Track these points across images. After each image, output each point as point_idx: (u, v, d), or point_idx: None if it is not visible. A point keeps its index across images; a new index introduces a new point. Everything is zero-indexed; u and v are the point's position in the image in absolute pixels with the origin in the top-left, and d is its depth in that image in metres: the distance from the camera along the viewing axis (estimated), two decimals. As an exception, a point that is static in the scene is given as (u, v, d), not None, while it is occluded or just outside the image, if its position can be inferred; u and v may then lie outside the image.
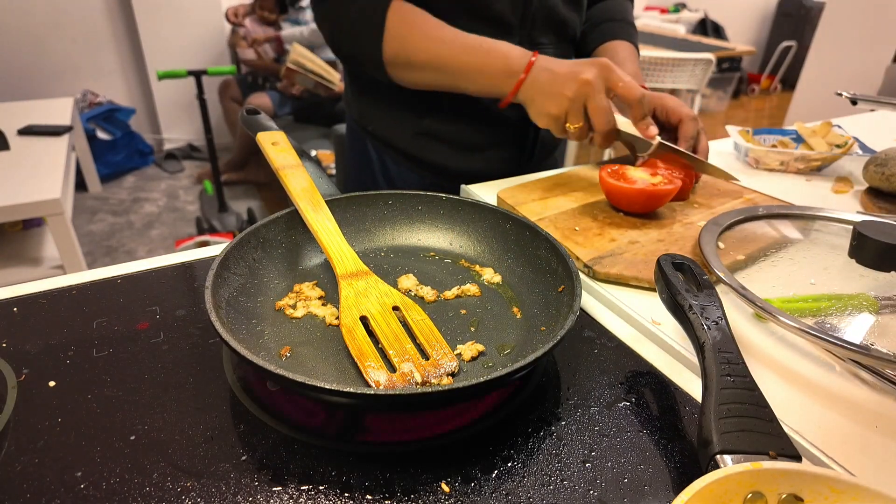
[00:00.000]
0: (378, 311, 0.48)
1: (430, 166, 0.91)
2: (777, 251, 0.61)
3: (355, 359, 0.44)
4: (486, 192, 0.79)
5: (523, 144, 0.92)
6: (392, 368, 0.43)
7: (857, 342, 0.45)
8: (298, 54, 2.80)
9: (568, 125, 0.70)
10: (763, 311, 0.47)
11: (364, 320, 0.47)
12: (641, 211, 0.68)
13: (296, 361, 0.45)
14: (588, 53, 0.92)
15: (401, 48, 0.76)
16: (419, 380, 0.42)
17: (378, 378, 0.42)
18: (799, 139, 0.94)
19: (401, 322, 0.47)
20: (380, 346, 0.45)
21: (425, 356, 0.45)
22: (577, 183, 0.77)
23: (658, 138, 0.72)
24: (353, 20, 0.76)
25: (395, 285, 0.54)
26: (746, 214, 0.66)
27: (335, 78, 2.91)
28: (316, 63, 2.86)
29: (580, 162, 1.03)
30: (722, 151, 0.98)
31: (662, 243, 0.63)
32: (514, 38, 0.81)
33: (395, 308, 0.49)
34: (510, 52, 0.73)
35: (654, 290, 0.51)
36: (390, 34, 0.75)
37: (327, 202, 0.58)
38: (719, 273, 0.53)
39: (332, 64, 2.99)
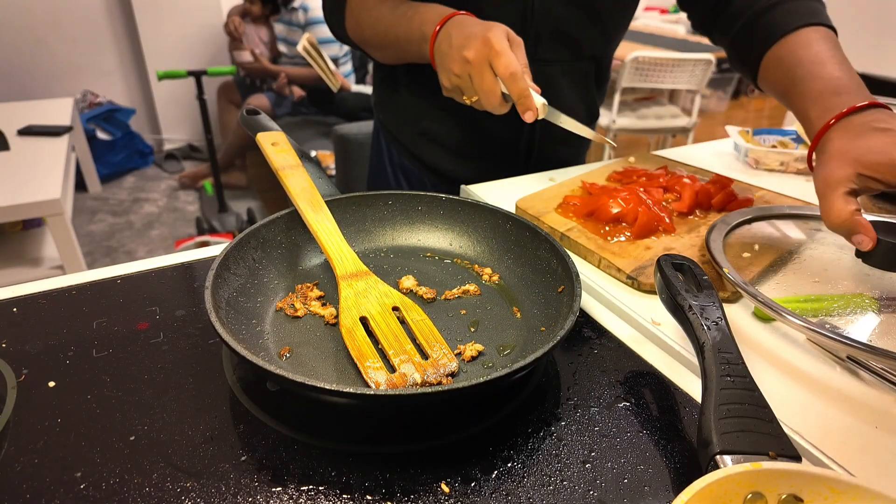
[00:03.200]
0: (378, 311, 0.48)
1: (428, 167, 0.91)
2: (784, 251, 0.61)
3: (355, 359, 0.44)
4: (486, 193, 0.79)
5: (515, 158, 0.90)
6: (392, 369, 0.43)
7: (860, 340, 0.45)
8: (308, 42, 2.83)
9: (465, 99, 0.66)
10: (769, 309, 0.48)
11: (364, 321, 0.47)
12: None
13: (296, 362, 0.45)
14: (766, 48, 0.68)
15: (356, 27, 0.78)
16: (419, 380, 0.42)
17: (378, 378, 0.42)
18: (799, 139, 0.94)
19: (400, 322, 0.47)
20: (379, 346, 0.45)
21: (425, 356, 0.45)
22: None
23: (544, 107, 0.63)
24: (330, 2, 0.81)
25: (395, 286, 0.54)
26: (755, 214, 0.66)
27: (334, 80, 2.92)
28: (320, 59, 2.87)
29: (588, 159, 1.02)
30: (722, 152, 0.98)
31: (695, 248, 0.63)
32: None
33: (395, 308, 0.49)
34: (426, 17, 0.67)
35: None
36: (349, 15, 0.78)
37: (327, 202, 0.58)
38: (726, 271, 0.53)
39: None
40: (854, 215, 0.49)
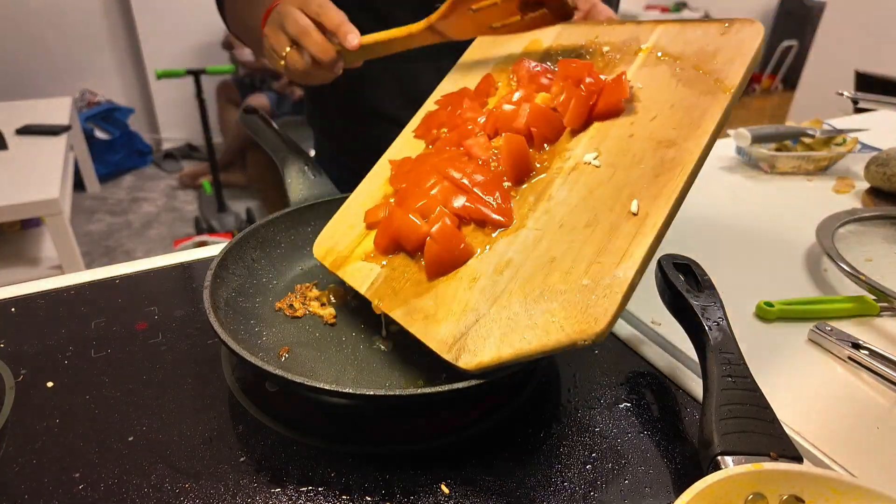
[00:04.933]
0: None
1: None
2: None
3: None
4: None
5: None
6: None
7: None
8: None
9: (280, 62, 0.56)
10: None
11: None
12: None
13: (295, 362, 0.45)
14: None
15: (232, 20, 0.74)
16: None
17: None
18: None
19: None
20: None
21: None
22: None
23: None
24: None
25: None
26: (857, 215, 0.66)
27: None
28: None
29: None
30: (723, 155, 0.97)
31: (540, 243, 0.40)
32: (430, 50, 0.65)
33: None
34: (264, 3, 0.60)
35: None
36: (228, 8, 0.74)
37: (327, 202, 0.57)
38: (843, 265, 0.54)
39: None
40: None
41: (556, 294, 0.36)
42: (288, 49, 0.54)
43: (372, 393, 0.36)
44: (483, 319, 0.38)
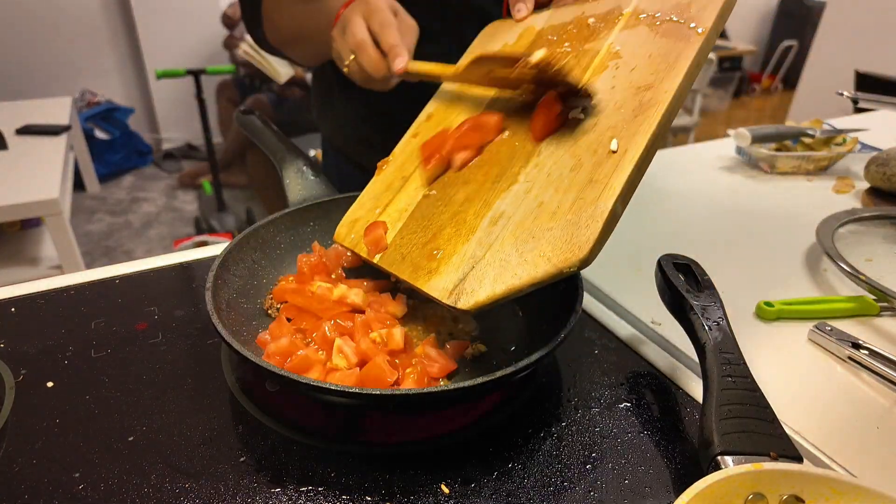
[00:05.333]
0: None
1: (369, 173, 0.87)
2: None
3: None
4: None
5: None
6: None
7: None
8: (249, 45, 2.91)
9: (345, 67, 0.58)
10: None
11: None
12: None
13: (295, 362, 0.45)
14: None
15: (273, 30, 0.74)
16: None
17: None
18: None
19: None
20: None
21: None
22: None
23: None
24: (247, 9, 0.75)
25: (393, 287, 0.54)
26: (857, 215, 0.65)
27: (278, 74, 2.95)
28: (262, 59, 2.92)
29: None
30: (723, 155, 0.97)
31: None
32: (440, 45, 0.69)
33: None
34: (334, 6, 0.63)
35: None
36: (266, 19, 0.74)
37: (325, 202, 0.57)
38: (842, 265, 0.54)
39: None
40: None
41: (544, 233, 0.40)
42: (352, 57, 0.56)
43: (373, 392, 0.36)
44: (479, 265, 0.42)
